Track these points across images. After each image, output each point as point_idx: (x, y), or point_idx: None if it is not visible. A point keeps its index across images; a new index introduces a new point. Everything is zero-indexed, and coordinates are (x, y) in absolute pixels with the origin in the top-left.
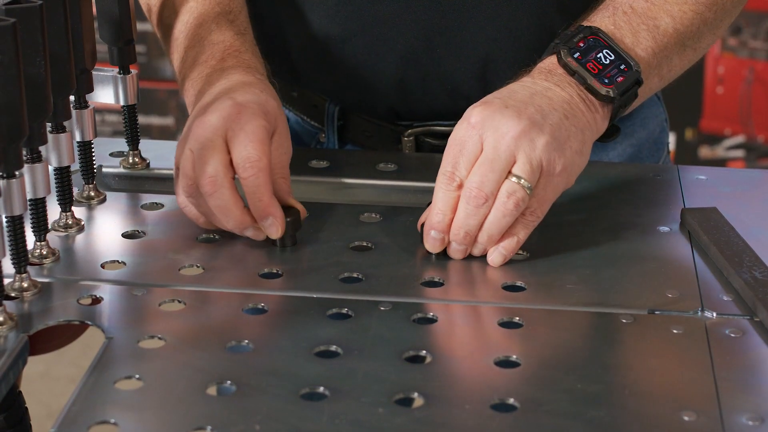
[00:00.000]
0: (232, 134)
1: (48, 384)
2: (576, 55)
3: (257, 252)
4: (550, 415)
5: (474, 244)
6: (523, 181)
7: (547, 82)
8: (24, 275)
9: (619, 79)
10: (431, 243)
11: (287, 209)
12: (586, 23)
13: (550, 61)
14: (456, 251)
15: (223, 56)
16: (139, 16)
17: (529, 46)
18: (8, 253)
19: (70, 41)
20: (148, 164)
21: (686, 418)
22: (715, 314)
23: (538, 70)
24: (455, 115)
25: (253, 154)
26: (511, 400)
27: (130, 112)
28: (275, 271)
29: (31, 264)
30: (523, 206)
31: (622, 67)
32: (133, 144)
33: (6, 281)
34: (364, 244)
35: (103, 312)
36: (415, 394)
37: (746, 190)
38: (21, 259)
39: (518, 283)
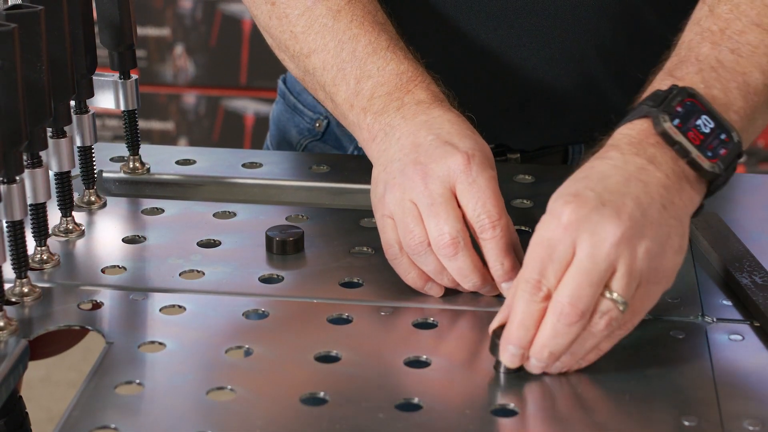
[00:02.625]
0: (462, 188)
1: (48, 389)
2: (676, 123)
3: (257, 257)
4: (550, 420)
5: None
6: (618, 296)
7: (640, 159)
8: (24, 280)
9: (722, 152)
10: (509, 359)
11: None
12: (677, 82)
13: (641, 128)
14: (535, 368)
15: (409, 88)
16: (139, 21)
17: (567, 85)
18: (9, 258)
19: (70, 46)
20: (149, 169)
21: (687, 423)
22: (715, 319)
23: (627, 140)
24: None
25: (493, 212)
26: (512, 405)
27: (130, 116)
28: (275, 276)
29: (32, 269)
30: (614, 327)
31: (723, 137)
32: (134, 149)
33: (6, 286)
34: (365, 248)
35: (104, 317)
36: (416, 399)
37: (746, 195)
38: (21, 264)
39: None
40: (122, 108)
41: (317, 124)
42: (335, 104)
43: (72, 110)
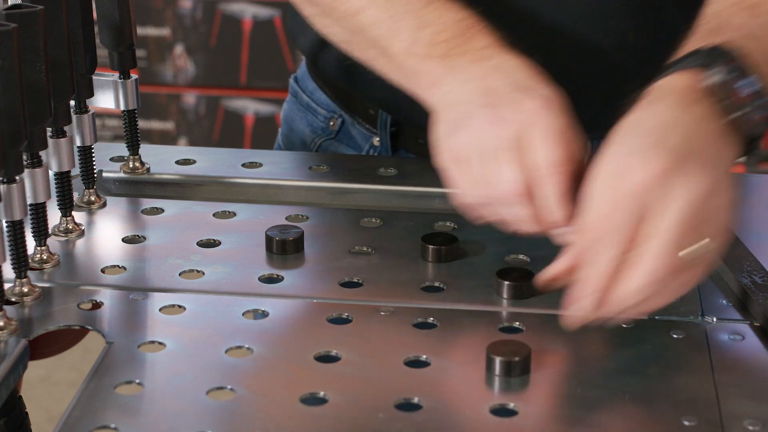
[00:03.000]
0: (535, 132)
1: (48, 389)
2: (721, 79)
3: (257, 256)
4: (550, 420)
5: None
6: (706, 242)
7: (688, 110)
8: (24, 280)
9: (760, 116)
10: (587, 307)
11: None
12: (719, 43)
13: (686, 82)
14: (600, 312)
15: (471, 33)
16: (139, 21)
17: (586, 78)
18: (8, 257)
19: (70, 46)
20: (149, 169)
21: (687, 423)
22: (715, 319)
23: (673, 91)
24: None
25: (557, 157)
26: (511, 405)
27: (130, 116)
28: (275, 276)
29: (32, 269)
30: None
31: (763, 101)
32: (134, 149)
33: (6, 286)
34: (364, 248)
35: (104, 317)
36: (416, 399)
37: (746, 195)
38: (21, 263)
39: None
40: (122, 108)
41: (331, 123)
42: (389, 57)
43: (72, 110)
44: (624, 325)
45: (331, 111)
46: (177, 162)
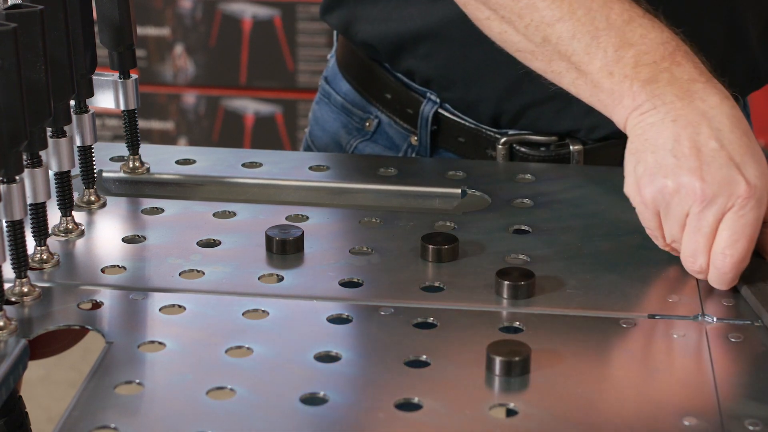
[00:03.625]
0: (730, 217)
1: (48, 388)
2: None
3: (257, 256)
4: (550, 419)
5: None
6: None
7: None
8: (24, 280)
9: None
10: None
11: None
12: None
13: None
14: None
15: (676, 59)
16: (139, 21)
17: None
18: (8, 257)
19: (70, 46)
20: (149, 169)
21: (687, 423)
22: (715, 319)
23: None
24: (555, 130)
25: (739, 253)
26: (512, 405)
27: (130, 116)
28: (275, 276)
29: (32, 269)
30: None
31: None
32: (134, 148)
33: (6, 286)
34: (364, 248)
35: (104, 317)
36: (416, 399)
37: None
38: (21, 263)
39: None
40: (122, 108)
41: (367, 124)
42: (583, 74)
43: (72, 110)
44: (624, 325)
45: (367, 112)
46: (177, 162)
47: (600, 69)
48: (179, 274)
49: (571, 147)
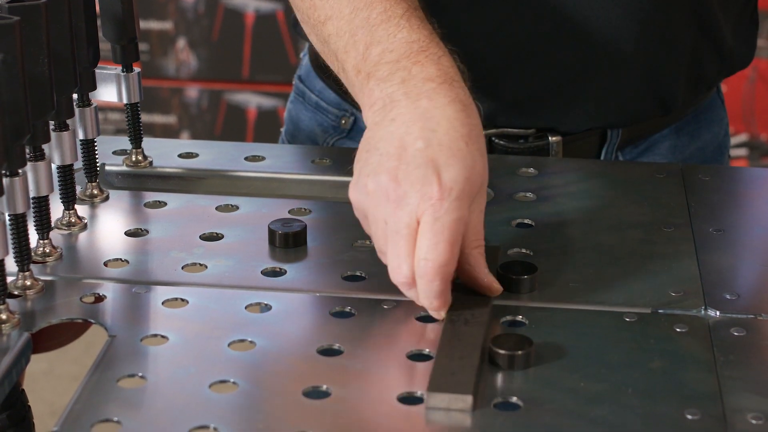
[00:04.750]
0: (424, 221)
1: (51, 382)
2: None
3: (260, 250)
4: (553, 413)
5: None
6: None
7: None
8: (27, 273)
9: None
10: None
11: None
12: None
13: None
14: None
15: (419, 59)
16: (142, 15)
17: (616, 68)
18: (11, 251)
19: (73, 39)
20: (151, 162)
21: (690, 417)
22: (718, 313)
23: None
24: (532, 126)
25: (438, 258)
26: (514, 399)
27: (133, 110)
28: (278, 269)
29: (34, 262)
30: None
31: None
32: (136, 142)
33: (9, 279)
34: (367, 242)
35: (106, 310)
36: (419, 392)
37: (749, 189)
38: (24, 257)
39: None
40: (125, 101)
41: (343, 121)
42: (345, 72)
43: (74, 103)
44: (627, 319)
45: (342, 110)
46: (179, 155)
47: (353, 67)
48: (182, 268)
49: (549, 138)
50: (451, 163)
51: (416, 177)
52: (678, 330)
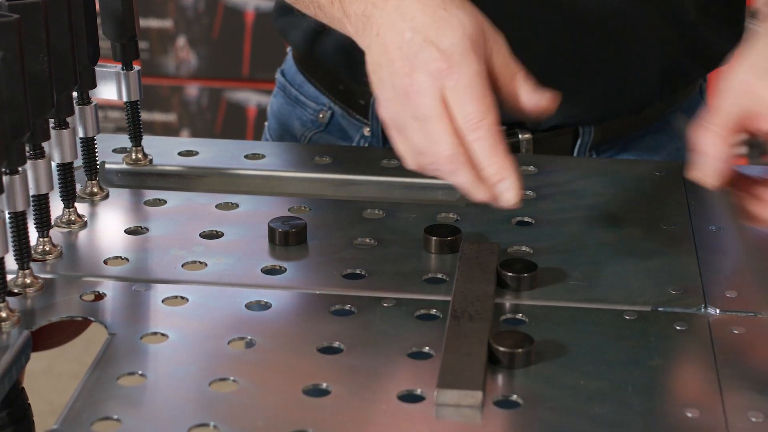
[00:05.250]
0: (448, 93)
1: (51, 380)
2: None
3: (260, 248)
4: (552, 411)
5: None
6: None
7: None
8: (27, 271)
9: None
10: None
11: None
12: None
13: None
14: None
15: None
16: (142, 13)
17: (583, 63)
18: (11, 249)
19: (72, 37)
20: (151, 160)
21: (689, 415)
22: (718, 311)
23: None
24: (501, 122)
25: (474, 113)
26: (514, 397)
27: (132, 108)
28: (278, 267)
29: (34, 260)
30: None
31: None
32: (136, 140)
33: (9, 277)
34: (367, 240)
35: (106, 308)
36: (418, 391)
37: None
38: (24, 255)
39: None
40: (125, 99)
41: (321, 115)
42: (323, 10)
43: (74, 101)
44: (627, 317)
45: (320, 104)
46: (179, 153)
47: (327, 1)
48: (182, 266)
49: (519, 135)
50: (441, 32)
51: (420, 62)
52: (678, 328)
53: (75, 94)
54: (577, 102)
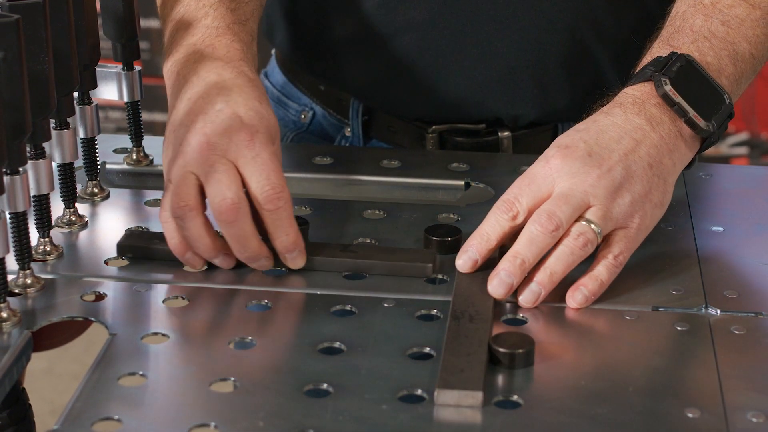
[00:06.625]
0: (245, 161)
1: (51, 381)
2: (676, 86)
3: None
4: (553, 412)
5: (527, 286)
6: (593, 226)
7: (640, 118)
8: (27, 272)
9: (715, 112)
10: (464, 261)
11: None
12: (674, 50)
13: (644, 90)
14: (502, 285)
15: (213, 42)
16: (143, 13)
17: (557, 59)
18: (12, 249)
19: (73, 37)
20: (152, 161)
21: (690, 415)
22: (719, 311)
23: (631, 100)
24: (479, 119)
25: (277, 185)
26: (515, 397)
27: (133, 108)
28: (279, 268)
29: (35, 260)
30: (591, 249)
31: (716, 99)
32: (137, 140)
33: (9, 278)
34: (368, 240)
35: (107, 308)
36: (419, 391)
37: (750, 187)
38: (24, 255)
39: None
40: (125, 99)
41: (302, 116)
42: (168, 35)
43: (75, 101)
44: (627, 318)
45: (302, 104)
46: None
47: (165, 51)
48: (182, 266)
49: (499, 134)
50: (251, 111)
51: (223, 127)
52: (678, 328)
53: (76, 94)
54: (555, 99)
